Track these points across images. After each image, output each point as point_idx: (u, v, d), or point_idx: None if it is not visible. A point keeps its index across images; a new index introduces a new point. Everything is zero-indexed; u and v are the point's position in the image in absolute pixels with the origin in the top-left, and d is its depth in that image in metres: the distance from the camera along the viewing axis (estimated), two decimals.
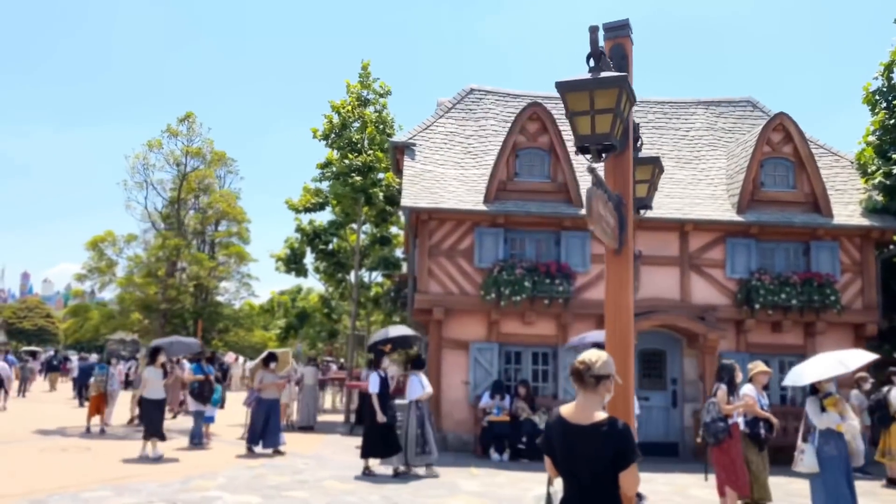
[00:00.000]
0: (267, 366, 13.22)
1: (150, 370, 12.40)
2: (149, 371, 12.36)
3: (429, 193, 15.12)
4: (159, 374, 12.44)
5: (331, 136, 21.99)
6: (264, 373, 13.08)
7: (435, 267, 14.89)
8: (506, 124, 17.27)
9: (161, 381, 12.42)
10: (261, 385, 12.94)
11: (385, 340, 11.49)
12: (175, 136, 18.34)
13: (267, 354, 13.44)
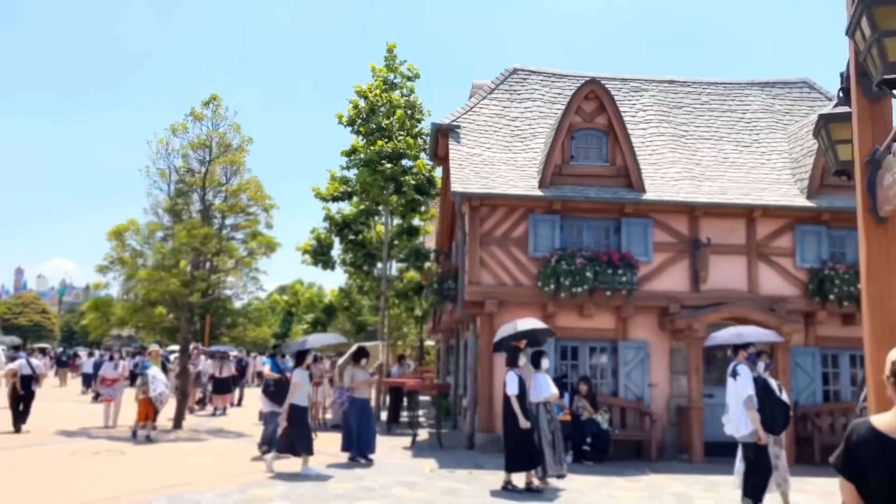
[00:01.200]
0: (358, 362, 11.90)
1: (298, 373, 10.86)
2: (297, 374, 10.86)
3: (479, 178, 14.16)
4: (306, 376, 11.08)
5: (357, 121, 21.02)
6: (355, 370, 11.79)
7: (487, 256, 13.93)
8: (553, 105, 16.37)
9: (309, 386, 11.28)
10: (353, 384, 11.69)
11: (517, 335, 10.34)
12: (199, 119, 17.22)
13: (357, 349, 12.09)
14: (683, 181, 14.61)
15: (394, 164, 19.72)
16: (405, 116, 20.40)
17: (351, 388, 11.69)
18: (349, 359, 11.65)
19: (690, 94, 17.02)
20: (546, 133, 15.68)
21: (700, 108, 16.66)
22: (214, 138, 17.73)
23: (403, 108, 20.53)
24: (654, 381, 13.95)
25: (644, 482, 10.96)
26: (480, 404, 13.85)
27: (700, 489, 10.54)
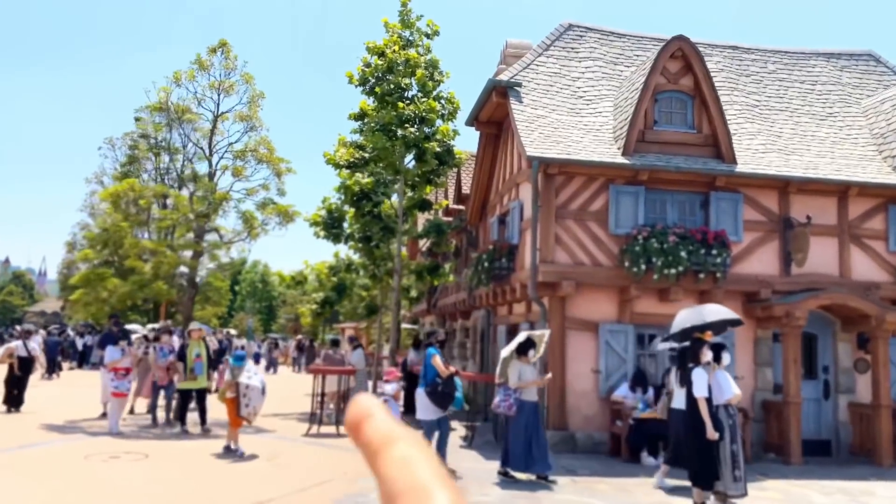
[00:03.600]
0: (525, 355, 9.60)
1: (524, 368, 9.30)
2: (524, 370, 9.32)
3: (552, 143, 12.45)
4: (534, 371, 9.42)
5: (369, 81, 18.94)
6: (522, 365, 9.53)
7: (562, 232, 12.27)
8: (615, 66, 14.77)
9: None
10: (521, 383, 9.41)
11: (703, 326, 8.39)
12: (205, 69, 14.90)
13: (526, 339, 9.66)
14: (769, 154, 13.25)
15: (416, 128, 17.82)
16: (426, 77, 18.48)
17: (519, 388, 9.42)
18: (512, 353, 9.54)
19: (756, 62, 15.65)
20: (613, 95, 14.08)
21: (768, 78, 15.32)
22: (223, 94, 15.39)
23: (424, 66, 18.61)
24: (738, 373, 12.59)
25: (771, 489, 9.55)
26: (550, 398, 12.23)
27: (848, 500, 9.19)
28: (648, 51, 15.19)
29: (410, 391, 18.03)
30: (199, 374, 12.14)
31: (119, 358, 12.45)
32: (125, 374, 12.37)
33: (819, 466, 11.61)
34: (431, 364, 9.37)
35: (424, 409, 9.37)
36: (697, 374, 8.30)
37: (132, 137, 41.20)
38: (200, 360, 12.14)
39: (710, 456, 8.20)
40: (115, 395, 12.35)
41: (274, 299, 72.42)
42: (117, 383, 12.27)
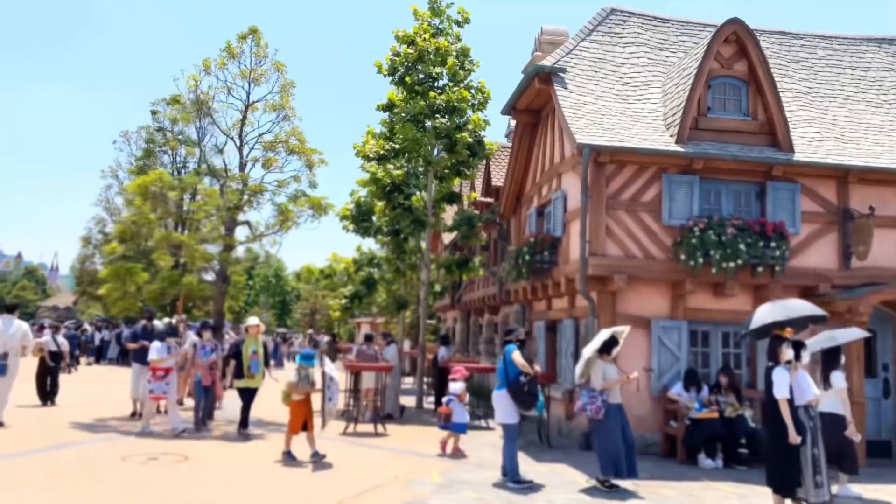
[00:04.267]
0: (608, 353, 8.98)
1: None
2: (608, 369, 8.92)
3: (601, 130, 11.91)
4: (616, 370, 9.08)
5: (398, 71, 18.42)
6: (606, 365, 8.91)
7: (613, 223, 11.73)
8: (660, 52, 14.21)
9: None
10: (607, 384, 8.78)
11: (784, 322, 7.80)
12: (234, 57, 14.40)
13: (611, 337, 9.00)
14: (826, 142, 12.67)
15: (448, 118, 17.31)
16: (457, 66, 17.96)
17: (605, 389, 8.79)
18: (594, 353, 8.92)
19: (805, 47, 15.05)
20: (660, 82, 13.52)
21: (818, 64, 14.72)
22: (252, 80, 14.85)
23: (455, 55, 18.08)
24: None
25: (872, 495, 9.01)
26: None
27: None
28: (693, 36, 14.64)
29: (441, 389, 17.58)
30: (255, 373, 11.49)
31: (165, 356, 11.55)
32: (164, 376, 11.49)
33: (884, 469, 11.07)
34: (512, 362, 8.82)
35: (505, 412, 8.85)
36: (778, 374, 7.76)
37: (148, 130, 40.91)
38: (257, 358, 11.45)
39: (792, 461, 7.67)
40: (152, 398, 11.68)
41: (287, 294, 72.11)
42: (154, 385, 11.45)
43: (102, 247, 39.42)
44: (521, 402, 8.75)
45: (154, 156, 40.06)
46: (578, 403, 8.83)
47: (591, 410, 8.63)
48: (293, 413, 9.75)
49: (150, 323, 13.10)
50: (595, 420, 8.75)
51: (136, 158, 41.21)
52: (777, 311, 7.84)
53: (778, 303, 8.10)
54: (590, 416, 8.69)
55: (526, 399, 8.75)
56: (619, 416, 8.79)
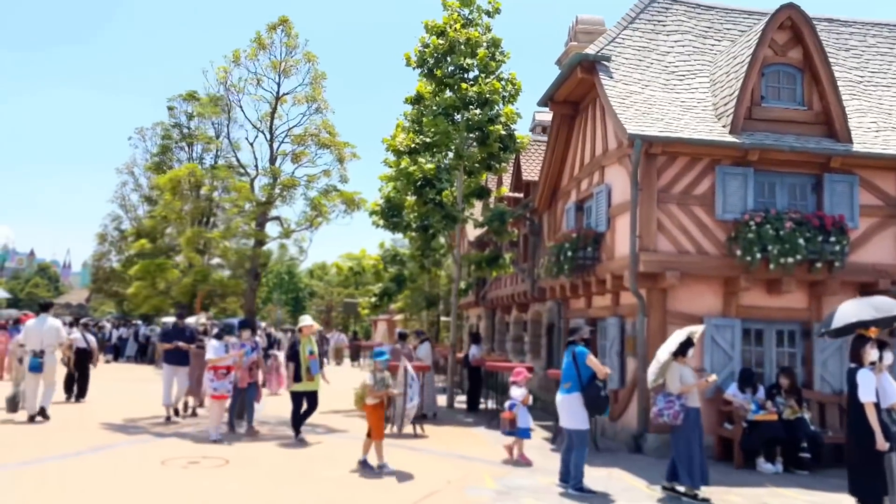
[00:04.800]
0: (684, 355, 8.37)
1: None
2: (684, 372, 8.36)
3: (651, 120, 11.46)
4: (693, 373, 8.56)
5: (427, 62, 17.98)
6: (682, 368, 8.36)
7: (664, 218, 11.27)
8: (705, 40, 13.73)
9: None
10: (685, 387, 8.24)
11: (870, 322, 7.33)
12: (264, 47, 14.00)
13: (687, 338, 8.39)
14: (883, 132, 12.17)
15: (480, 110, 16.87)
16: (488, 57, 17.51)
17: (683, 393, 8.25)
18: (669, 357, 8.44)
19: (854, 35, 14.53)
20: (707, 71, 13.04)
21: (869, 52, 14.20)
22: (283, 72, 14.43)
23: (485, 46, 17.63)
24: None
25: None
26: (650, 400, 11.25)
27: None
28: (739, 24, 14.15)
29: (474, 388, 17.18)
30: (315, 374, 10.99)
31: (223, 355, 11.06)
32: (226, 374, 11.06)
33: None
34: (585, 364, 8.36)
35: (574, 417, 8.38)
36: (864, 377, 7.32)
37: (164, 127, 40.57)
38: (315, 358, 10.93)
39: (877, 468, 7.22)
40: (215, 397, 11.04)
41: (300, 291, 71.83)
42: (217, 384, 10.94)
43: (129, 243, 39.15)
44: (596, 406, 8.31)
45: (170, 152, 39.78)
46: (654, 409, 8.35)
47: (668, 416, 8.16)
48: (373, 418, 9.06)
49: (181, 321, 12.72)
50: (673, 426, 8.27)
51: (151, 155, 40.95)
52: (863, 310, 7.39)
53: (863, 300, 7.65)
54: (668, 421, 8.21)
55: (601, 403, 8.31)
56: (699, 421, 8.33)
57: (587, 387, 8.36)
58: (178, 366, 12.77)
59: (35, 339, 12.01)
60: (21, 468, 8.51)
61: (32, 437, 10.71)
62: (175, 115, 39.28)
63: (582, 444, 8.37)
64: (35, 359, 11.86)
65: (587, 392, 8.34)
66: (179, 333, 12.79)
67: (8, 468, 8.47)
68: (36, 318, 12.37)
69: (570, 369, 8.48)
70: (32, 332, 12.11)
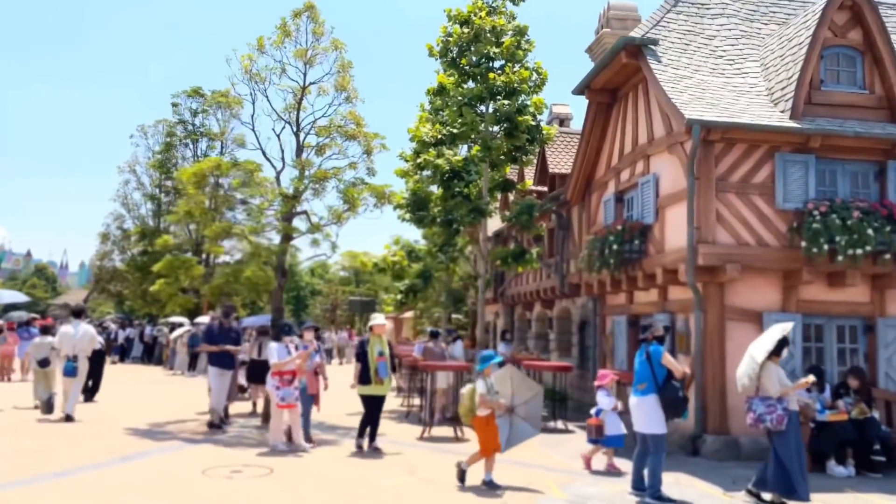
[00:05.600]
0: (779, 355, 7.69)
1: None
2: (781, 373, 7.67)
3: (706, 106, 10.89)
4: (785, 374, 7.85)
5: (451, 52, 17.40)
6: (778, 368, 7.67)
7: (723, 208, 10.70)
8: (751, 24, 13.17)
9: None
10: (785, 390, 7.58)
11: None
12: (289, 35, 13.39)
13: (784, 336, 7.68)
14: None
15: (509, 100, 16.31)
16: (514, 46, 16.93)
17: (783, 395, 7.60)
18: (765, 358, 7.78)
19: None
20: (756, 55, 12.48)
21: None
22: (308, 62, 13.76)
23: (511, 34, 17.06)
24: None
25: None
26: (710, 399, 10.71)
27: None
28: (784, 7, 13.59)
29: None
30: (384, 378, 10.02)
31: (287, 358, 10.15)
32: (291, 380, 10.14)
33: None
34: (661, 364, 7.78)
35: (653, 420, 7.79)
36: None
37: (168, 124, 39.87)
38: (384, 360, 10.00)
39: None
40: (282, 406, 10.10)
41: (301, 289, 71.15)
42: (284, 392, 10.04)
43: (132, 242, 38.42)
44: (675, 408, 7.73)
45: (174, 149, 39.12)
46: (751, 415, 7.72)
47: (772, 421, 7.57)
48: (488, 431, 8.15)
49: (227, 320, 11.82)
50: (775, 431, 7.66)
51: (155, 152, 40.26)
52: None
53: None
54: (771, 427, 7.62)
55: (680, 405, 7.73)
56: (798, 425, 7.76)
57: (663, 388, 7.80)
58: (224, 369, 11.83)
59: (69, 345, 12.32)
60: (58, 479, 7.91)
61: (60, 444, 10.10)
62: (179, 111, 38.69)
63: (659, 450, 7.80)
64: (70, 363, 12.19)
65: (664, 393, 7.77)
66: (225, 335, 11.75)
67: (45, 480, 7.87)
68: (70, 323, 12.75)
69: (644, 369, 7.91)
70: (67, 337, 12.40)
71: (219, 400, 11.89)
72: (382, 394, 10.23)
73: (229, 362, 11.90)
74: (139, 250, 37.90)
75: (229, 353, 11.79)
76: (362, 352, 10.12)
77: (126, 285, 40.25)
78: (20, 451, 9.45)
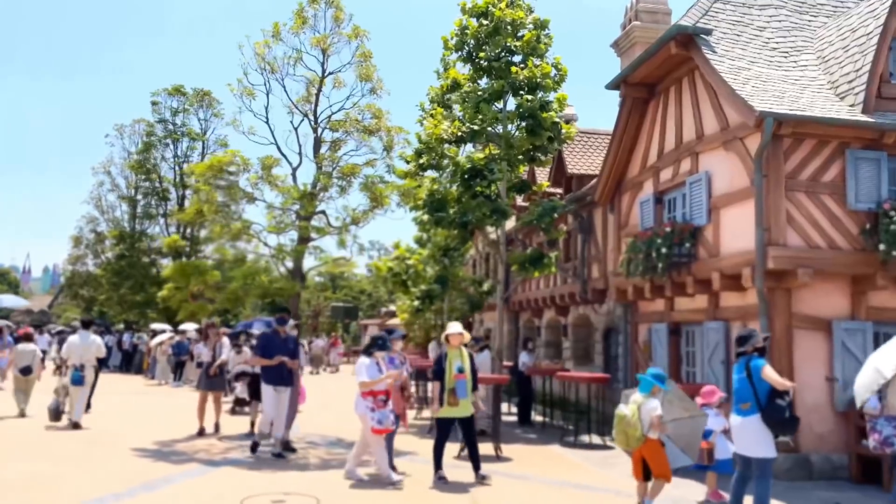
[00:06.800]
0: None
1: None
2: None
3: (774, 98, 10.15)
4: None
5: (467, 46, 16.52)
6: None
7: (793, 208, 9.96)
8: (801, 16, 12.53)
9: None
10: None
11: None
12: (305, 22, 12.40)
13: None
14: None
15: (532, 95, 15.46)
16: (534, 39, 16.10)
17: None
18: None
19: None
20: (810, 47, 11.81)
21: None
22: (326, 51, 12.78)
23: (531, 27, 16.24)
24: None
25: None
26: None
27: None
28: None
29: (525, 399, 15.75)
30: (462, 398, 8.75)
31: (379, 377, 8.65)
32: (386, 400, 8.66)
33: None
34: (762, 379, 6.94)
35: (757, 442, 6.95)
36: None
37: (148, 124, 38.32)
38: (464, 378, 8.75)
39: None
40: (378, 431, 8.58)
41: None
42: (380, 415, 8.52)
43: (108, 246, 36.84)
44: (783, 428, 6.92)
45: (153, 149, 37.61)
46: (875, 436, 6.90)
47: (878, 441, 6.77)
48: (660, 456, 7.34)
49: (282, 328, 10.20)
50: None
51: (136, 152, 38.71)
52: None
53: None
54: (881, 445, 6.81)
55: (788, 425, 6.92)
56: None
57: (767, 406, 6.96)
58: (281, 386, 10.16)
59: (77, 354, 12.46)
60: None
61: (71, 469, 8.99)
62: (159, 110, 37.19)
63: (765, 475, 6.98)
64: (76, 373, 12.30)
65: (769, 413, 6.94)
66: (282, 345, 10.11)
67: None
68: (78, 333, 12.88)
69: (744, 386, 7.07)
70: (75, 347, 12.55)
71: (278, 423, 10.23)
72: (463, 415, 8.99)
73: (288, 378, 10.25)
74: (116, 254, 36.35)
75: (288, 368, 10.17)
76: (440, 368, 8.93)
77: (101, 291, 38.59)
78: (31, 478, 8.34)
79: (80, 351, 12.42)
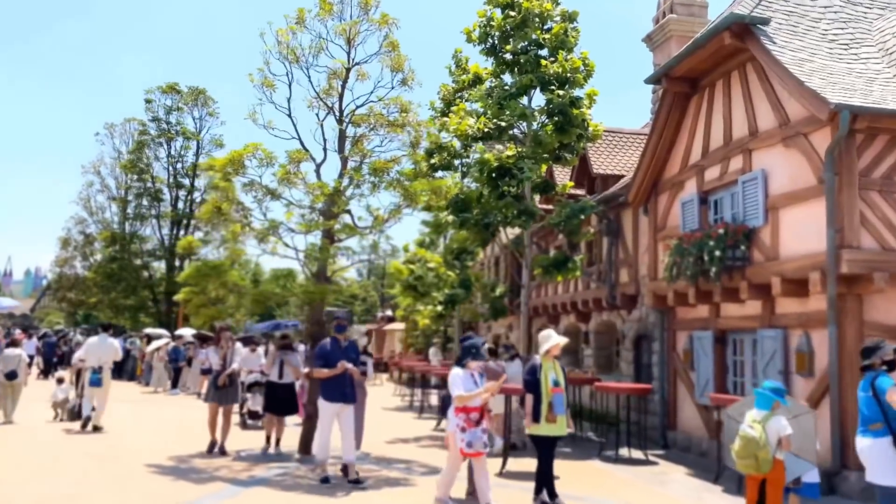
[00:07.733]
0: None
1: None
2: None
3: (845, 91, 9.50)
4: None
5: (491, 39, 15.84)
6: None
7: (866, 208, 9.30)
8: (855, 7, 11.98)
9: None
10: None
11: None
12: (328, 10, 11.62)
13: None
14: None
15: (563, 90, 14.79)
16: (562, 32, 15.43)
17: None
18: None
19: None
20: (868, 40, 11.21)
21: None
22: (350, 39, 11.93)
23: (558, 19, 15.58)
24: None
25: None
26: (853, 429, 9.23)
27: None
28: None
29: None
30: (559, 414, 7.81)
31: (475, 391, 7.44)
32: (479, 419, 7.39)
33: None
34: (887, 402, 6.16)
35: (884, 468, 6.21)
36: None
37: (141, 123, 37.28)
38: (561, 392, 7.83)
39: None
40: (467, 454, 7.39)
41: (268, 300, 68.40)
42: (471, 435, 7.28)
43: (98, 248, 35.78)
44: None
45: (146, 148, 36.59)
46: None
47: None
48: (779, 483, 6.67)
49: (342, 335, 9.01)
50: None
51: (124, 153, 37.69)
52: None
53: None
54: None
55: None
56: None
57: None
58: (342, 403, 8.88)
59: (95, 357, 12.82)
60: None
61: (92, 490, 8.13)
62: (153, 108, 36.13)
63: None
64: (95, 374, 12.67)
65: None
66: (343, 354, 8.86)
67: None
68: (97, 336, 13.36)
69: (872, 405, 6.31)
70: (94, 349, 12.93)
71: (346, 445, 9.05)
72: (558, 434, 8.13)
73: (351, 394, 9.03)
74: (107, 257, 35.27)
75: (351, 380, 9.04)
76: (534, 380, 8.02)
77: (90, 294, 37.48)
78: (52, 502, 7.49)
79: (98, 353, 12.80)
